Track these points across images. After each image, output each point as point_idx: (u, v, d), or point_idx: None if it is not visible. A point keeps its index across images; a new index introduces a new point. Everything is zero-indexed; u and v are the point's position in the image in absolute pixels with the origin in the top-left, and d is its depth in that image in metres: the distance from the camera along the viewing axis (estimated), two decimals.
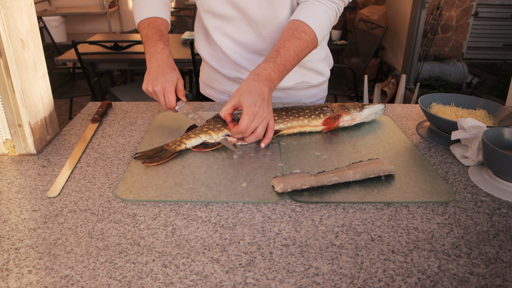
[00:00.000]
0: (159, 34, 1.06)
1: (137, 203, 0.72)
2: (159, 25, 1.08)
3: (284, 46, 0.97)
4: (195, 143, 0.90)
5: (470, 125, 0.87)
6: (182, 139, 0.90)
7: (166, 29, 1.10)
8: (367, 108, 1.03)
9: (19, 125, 0.86)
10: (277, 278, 0.56)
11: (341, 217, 0.69)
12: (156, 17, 1.09)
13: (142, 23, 1.09)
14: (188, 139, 0.90)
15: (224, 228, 0.66)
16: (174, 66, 1.01)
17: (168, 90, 0.96)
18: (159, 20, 1.09)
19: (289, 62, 0.97)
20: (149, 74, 0.99)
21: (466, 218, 0.70)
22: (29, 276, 0.56)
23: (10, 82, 0.82)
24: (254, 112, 0.86)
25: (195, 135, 0.91)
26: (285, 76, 0.99)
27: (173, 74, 0.99)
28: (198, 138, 0.91)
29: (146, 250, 0.61)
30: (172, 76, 0.98)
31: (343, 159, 0.87)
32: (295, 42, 0.98)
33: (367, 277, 0.56)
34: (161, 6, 1.12)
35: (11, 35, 0.80)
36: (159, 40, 1.04)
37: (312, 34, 1.00)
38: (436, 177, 0.81)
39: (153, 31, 1.06)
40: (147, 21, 1.09)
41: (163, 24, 1.10)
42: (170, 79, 0.97)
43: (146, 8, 1.10)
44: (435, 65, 4.33)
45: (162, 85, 0.96)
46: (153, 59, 1.02)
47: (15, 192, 0.75)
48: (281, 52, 0.96)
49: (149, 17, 1.09)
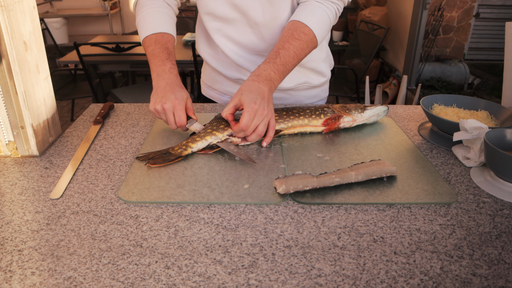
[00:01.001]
0: (166, 53, 1.03)
1: (139, 205, 0.72)
2: (165, 42, 1.05)
3: (283, 47, 0.98)
4: (201, 146, 0.90)
5: (472, 126, 0.87)
6: (188, 143, 0.89)
7: (172, 45, 1.07)
8: (369, 109, 1.03)
9: (22, 127, 0.86)
10: (280, 280, 0.56)
11: (343, 218, 0.69)
12: (162, 33, 1.06)
13: (148, 39, 1.06)
14: (194, 143, 0.90)
15: (227, 230, 0.66)
16: (182, 86, 0.98)
17: (179, 108, 0.92)
18: (165, 37, 1.06)
19: (289, 63, 0.97)
20: (157, 93, 0.96)
21: (468, 219, 0.70)
22: (32, 277, 0.56)
23: (12, 84, 0.82)
24: (255, 110, 0.86)
25: (200, 138, 0.91)
26: (286, 76, 1.00)
27: (183, 93, 0.95)
28: (204, 141, 0.90)
29: (148, 251, 0.61)
30: (182, 94, 0.95)
31: (345, 160, 0.87)
32: (295, 42, 0.98)
33: (369, 278, 0.56)
34: (166, 20, 1.10)
35: (14, 37, 0.81)
36: (167, 59, 1.01)
37: (312, 35, 1.00)
38: (438, 178, 0.81)
39: (160, 48, 1.03)
40: (154, 37, 1.05)
41: (170, 40, 1.07)
42: (180, 97, 0.94)
43: (152, 23, 1.07)
44: (436, 66, 4.33)
45: (172, 103, 0.92)
46: (161, 78, 0.98)
47: (18, 193, 0.75)
48: (281, 52, 0.97)
49: (155, 32, 1.06)
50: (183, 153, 0.87)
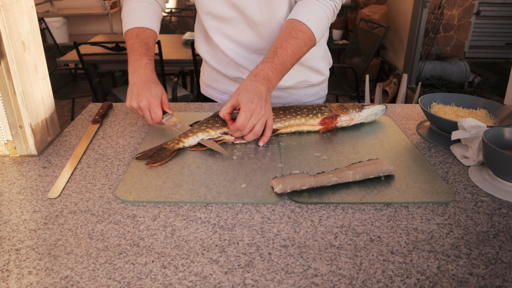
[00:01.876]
0: (145, 48, 1.04)
1: (137, 204, 0.72)
2: (147, 37, 1.06)
3: (281, 46, 0.98)
4: (193, 142, 0.91)
5: (470, 125, 0.87)
6: (180, 138, 0.91)
7: (153, 41, 1.09)
8: (366, 108, 1.03)
9: (20, 126, 0.86)
10: (276, 279, 0.56)
11: (340, 217, 0.69)
12: (145, 28, 1.08)
13: (130, 32, 1.07)
14: (186, 138, 0.91)
15: (223, 229, 0.66)
16: (157, 81, 1.01)
17: (154, 105, 0.95)
18: (147, 32, 1.08)
19: (287, 62, 0.97)
20: (132, 90, 0.98)
21: (466, 218, 0.70)
22: (30, 277, 0.56)
23: (11, 83, 0.82)
24: (251, 109, 0.87)
25: (192, 134, 0.92)
26: (284, 75, 0.99)
27: (157, 89, 0.98)
28: (195, 137, 0.92)
29: (145, 251, 0.61)
30: (157, 90, 0.97)
31: (343, 160, 0.87)
32: (292, 41, 0.98)
33: (366, 278, 0.56)
34: (151, 16, 1.10)
35: (12, 37, 0.81)
36: (145, 54, 1.03)
37: (309, 33, 1.00)
38: (436, 177, 0.81)
39: (139, 43, 1.04)
40: (135, 31, 1.07)
41: (151, 36, 1.08)
42: (155, 94, 0.96)
43: (136, 17, 1.08)
44: (437, 64, 4.32)
45: (147, 100, 0.95)
46: (136, 73, 1.00)
47: (16, 193, 0.76)
48: (278, 52, 0.97)
49: (137, 26, 1.07)
50: (175, 147, 0.89)
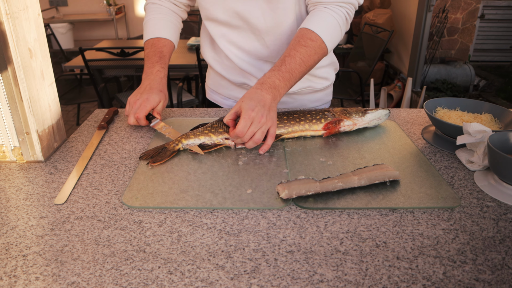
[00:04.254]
0: (158, 56, 1.12)
1: (143, 210, 0.72)
2: (161, 46, 1.14)
3: (289, 54, 0.98)
4: (193, 144, 0.93)
5: (476, 130, 0.86)
6: (181, 139, 0.93)
7: (168, 50, 1.16)
8: (369, 113, 1.03)
9: (27, 132, 0.87)
10: (282, 285, 0.56)
11: (346, 223, 0.69)
12: (159, 38, 1.15)
13: (147, 43, 1.16)
14: (187, 139, 0.93)
15: (229, 235, 0.66)
16: (162, 89, 1.08)
17: (143, 106, 1.03)
18: (162, 41, 1.15)
19: (295, 70, 0.97)
20: (139, 89, 1.07)
21: (471, 223, 0.70)
22: (37, 283, 0.56)
23: (18, 90, 0.83)
24: (251, 117, 0.87)
25: (194, 136, 0.94)
26: (294, 83, 0.99)
27: (156, 96, 1.05)
28: (196, 139, 0.93)
29: (151, 257, 0.61)
30: (155, 97, 1.05)
31: (348, 165, 0.87)
32: (301, 49, 0.98)
33: (371, 283, 0.56)
34: (167, 26, 1.18)
35: (19, 44, 0.81)
36: (157, 62, 1.11)
37: (319, 41, 1.00)
38: (441, 182, 0.81)
39: (153, 52, 1.13)
40: (151, 41, 1.15)
41: (166, 45, 1.15)
42: (152, 100, 1.04)
43: (153, 28, 1.17)
44: (441, 68, 4.31)
45: (141, 102, 1.03)
46: (147, 78, 1.09)
47: (23, 199, 0.76)
48: (287, 60, 0.97)
49: (153, 37, 1.16)
50: (175, 147, 0.92)
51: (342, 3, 1.03)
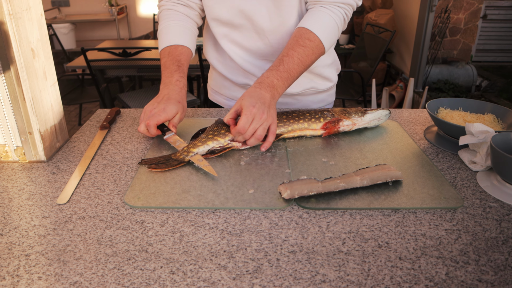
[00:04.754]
0: (176, 65, 1.05)
1: (145, 210, 0.73)
2: (178, 54, 1.08)
3: (287, 54, 0.98)
4: (202, 151, 0.90)
5: (478, 130, 0.86)
6: (189, 148, 0.90)
7: (186, 57, 1.09)
8: (369, 113, 1.03)
9: (30, 132, 0.87)
10: (284, 285, 0.56)
11: (348, 223, 0.69)
12: (176, 45, 1.09)
13: (163, 52, 1.10)
14: (195, 148, 0.90)
15: (231, 235, 0.66)
16: (180, 100, 1.00)
17: (157, 115, 0.95)
18: (179, 49, 1.09)
19: (293, 69, 0.97)
20: (157, 98, 1.01)
21: (474, 224, 0.70)
22: (39, 282, 0.57)
23: (20, 90, 0.83)
24: (253, 113, 0.87)
25: (202, 143, 0.91)
26: (292, 82, 1.00)
27: (174, 107, 0.97)
28: (206, 146, 0.91)
29: (154, 256, 0.61)
30: (172, 108, 0.97)
31: (350, 165, 0.87)
32: (299, 49, 0.98)
33: (374, 284, 0.56)
34: (183, 33, 1.12)
35: (21, 44, 0.82)
36: (176, 71, 1.04)
37: (317, 41, 1.00)
38: (444, 182, 0.81)
39: (171, 61, 1.06)
40: (168, 49, 1.09)
41: (183, 53, 1.09)
42: (169, 110, 0.96)
43: (168, 36, 1.11)
44: (443, 68, 4.31)
45: (157, 111, 0.96)
46: (166, 88, 1.02)
47: (25, 199, 0.76)
48: (285, 60, 0.97)
49: (169, 45, 1.09)
50: (185, 158, 0.87)
51: (340, 3, 1.03)
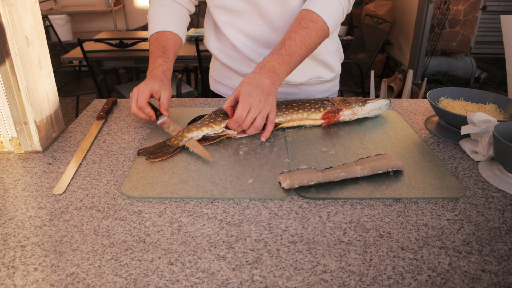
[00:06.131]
0: (161, 50, 1.07)
1: (142, 200, 0.71)
2: (165, 40, 1.09)
3: (289, 37, 0.96)
4: (196, 136, 0.90)
5: (480, 120, 0.85)
6: (184, 133, 0.89)
7: (173, 43, 1.10)
8: (369, 103, 1.02)
9: (25, 122, 0.86)
10: (285, 276, 0.55)
11: (349, 213, 0.68)
12: (164, 32, 1.10)
13: (151, 38, 1.11)
14: (189, 132, 0.90)
15: (230, 225, 0.65)
16: (163, 79, 1.02)
17: (142, 90, 0.97)
18: (166, 35, 1.10)
19: (295, 53, 0.95)
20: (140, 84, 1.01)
21: (477, 214, 0.69)
22: (35, 273, 0.55)
23: (15, 79, 0.82)
24: (249, 102, 0.85)
25: (196, 128, 0.91)
26: (295, 67, 0.97)
27: (156, 83, 0.99)
28: (200, 131, 0.90)
29: (152, 247, 0.60)
30: (154, 83, 0.98)
31: (351, 155, 0.86)
32: (301, 31, 0.96)
33: (376, 274, 0.55)
34: (172, 19, 1.12)
35: (15, 32, 0.80)
36: (160, 57, 1.06)
37: (320, 21, 0.97)
38: (445, 172, 0.80)
39: (156, 47, 1.08)
40: (155, 35, 1.10)
41: (171, 38, 1.10)
42: (150, 84, 0.98)
43: (156, 22, 1.11)
44: (442, 60, 4.29)
45: (137, 88, 0.97)
46: (150, 73, 1.04)
47: (21, 189, 0.75)
48: (286, 43, 0.95)
49: (157, 31, 1.10)
50: (179, 144, 0.87)
51: None
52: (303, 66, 1.04)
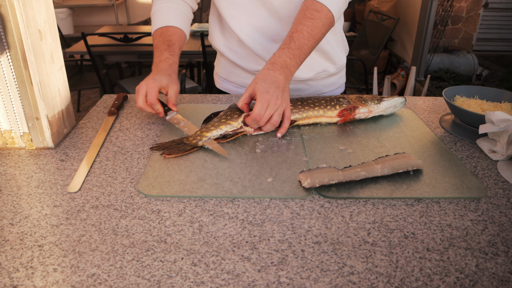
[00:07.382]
0: (166, 45, 1.06)
1: (160, 199, 0.70)
2: (170, 35, 1.08)
3: (297, 29, 0.94)
4: (215, 135, 0.88)
5: (499, 119, 0.84)
6: (202, 132, 0.88)
7: (178, 38, 1.09)
8: (385, 100, 1.01)
9: (37, 118, 0.84)
10: (312, 277, 0.54)
11: (372, 213, 0.67)
12: (168, 27, 1.09)
13: (155, 33, 1.10)
14: (208, 132, 0.88)
15: (253, 225, 0.64)
16: (170, 73, 1.00)
17: (151, 86, 0.95)
18: (171, 30, 1.09)
19: (304, 45, 0.93)
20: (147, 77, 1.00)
21: (500, 214, 0.68)
22: (55, 274, 0.54)
23: (28, 74, 0.80)
24: (267, 100, 0.84)
25: (215, 127, 0.89)
26: (304, 59, 0.96)
27: (163, 77, 0.97)
28: (218, 130, 0.88)
29: (173, 247, 0.59)
30: (162, 78, 0.97)
31: (369, 153, 0.85)
32: (308, 22, 0.94)
33: (403, 276, 0.54)
34: (175, 14, 1.12)
35: (29, 25, 0.78)
36: (165, 50, 1.05)
37: (325, 10, 0.96)
38: (465, 172, 0.79)
39: (162, 41, 1.07)
40: (159, 31, 1.09)
41: (175, 33, 1.09)
42: (158, 79, 0.96)
43: (160, 17, 1.11)
44: (444, 57, 4.27)
45: (146, 83, 0.95)
46: (155, 67, 1.02)
47: (34, 187, 0.74)
48: (295, 36, 0.93)
49: (161, 26, 1.09)
50: (198, 143, 0.85)
51: None
52: (309, 61, 1.02)
